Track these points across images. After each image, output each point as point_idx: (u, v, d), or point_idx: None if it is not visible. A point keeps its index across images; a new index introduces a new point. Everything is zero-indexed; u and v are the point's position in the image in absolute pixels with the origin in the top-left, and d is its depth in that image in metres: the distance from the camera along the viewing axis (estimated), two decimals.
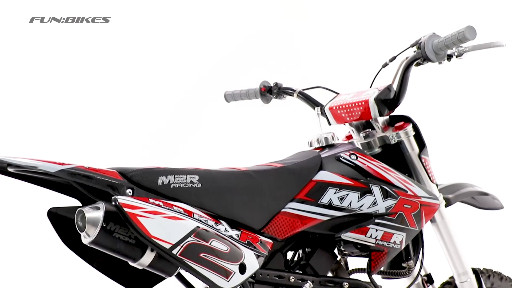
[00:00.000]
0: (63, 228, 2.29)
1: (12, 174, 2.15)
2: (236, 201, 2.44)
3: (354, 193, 2.65)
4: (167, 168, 2.34)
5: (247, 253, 2.37)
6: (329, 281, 2.66)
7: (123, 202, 2.14)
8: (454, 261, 2.99)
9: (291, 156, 2.77)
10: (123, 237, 2.17)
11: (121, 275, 2.40)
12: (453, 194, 3.07)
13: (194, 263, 2.23)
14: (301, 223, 2.58)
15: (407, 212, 2.73)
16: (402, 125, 2.89)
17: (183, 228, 2.23)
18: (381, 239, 2.70)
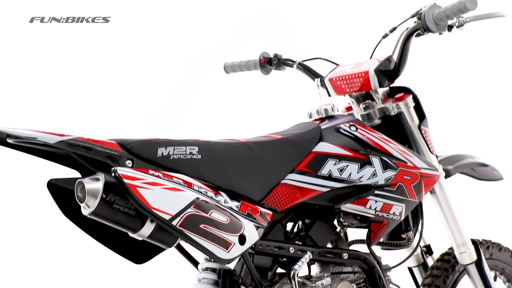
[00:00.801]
0: (63, 199, 2.30)
1: (11, 145, 2.15)
2: (236, 173, 2.44)
3: (353, 165, 2.65)
4: (166, 140, 2.34)
5: (247, 224, 2.38)
6: (329, 252, 2.67)
7: (123, 173, 2.14)
8: (453, 232, 3.00)
9: (290, 128, 2.77)
10: (122, 208, 2.17)
11: (121, 246, 2.40)
12: (452, 165, 3.07)
13: (194, 234, 2.24)
14: (300, 194, 2.58)
15: (407, 183, 2.73)
16: (402, 96, 2.89)
17: (182, 199, 2.23)
18: (381, 210, 2.70)
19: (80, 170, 2.31)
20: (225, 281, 2.51)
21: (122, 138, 2.28)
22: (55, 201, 2.30)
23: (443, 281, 3.03)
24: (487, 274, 3.04)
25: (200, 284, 2.52)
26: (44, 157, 2.25)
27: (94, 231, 2.36)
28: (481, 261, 3.03)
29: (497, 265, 3.20)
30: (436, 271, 3.05)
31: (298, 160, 2.60)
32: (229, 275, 2.51)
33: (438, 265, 3.07)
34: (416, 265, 3.20)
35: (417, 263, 3.20)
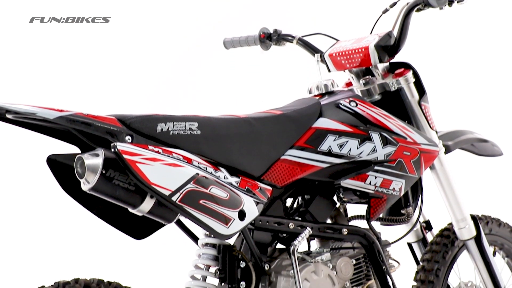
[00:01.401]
0: (63, 175, 2.29)
1: (10, 121, 2.14)
2: (236, 148, 2.44)
3: (353, 140, 2.65)
4: (166, 115, 2.34)
5: (247, 200, 2.38)
6: (328, 227, 2.68)
7: (122, 149, 2.13)
8: (453, 207, 3.01)
9: (290, 103, 2.77)
10: (122, 184, 2.17)
11: (121, 222, 2.40)
12: (452, 141, 3.07)
13: (194, 210, 2.24)
14: (300, 170, 2.58)
15: (407, 159, 2.73)
16: (402, 71, 2.88)
17: (182, 175, 2.23)
18: (380, 186, 2.71)
19: (79, 145, 2.30)
20: (225, 256, 2.52)
21: (121, 114, 2.27)
22: (55, 176, 2.30)
23: (442, 257, 3.04)
24: (486, 249, 3.04)
25: (200, 259, 2.53)
26: (43, 133, 2.24)
27: (94, 206, 2.36)
28: (480, 236, 3.03)
29: (496, 241, 3.21)
30: (436, 247, 3.06)
31: (298, 135, 2.60)
32: (229, 250, 2.52)
33: (438, 241, 3.08)
34: (416, 241, 3.21)
35: (417, 239, 3.20)
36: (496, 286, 3.07)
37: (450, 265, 3.06)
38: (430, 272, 3.02)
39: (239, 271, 2.51)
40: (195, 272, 2.52)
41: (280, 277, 2.55)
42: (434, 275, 3.01)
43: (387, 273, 2.71)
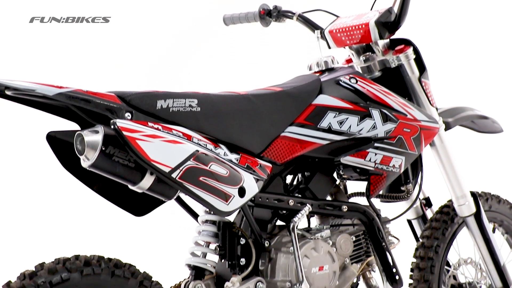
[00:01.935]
0: (62, 152, 2.29)
1: (10, 97, 2.14)
2: (235, 125, 2.43)
3: (353, 117, 2.64)
4: (166, 92, 2.33)
5: (247, 177, 2.38)
6: (328, 204, 2.68)
7: (122, 126, 2.13)
8: (453, 184, 3.01)
9: (290, 80, 2.76)
10: (122, 161, 2.17)
11: (121, 199, 2.41)
12: (452, 117, 3.06)
13: (194, 187, 2.24)
14: (300, 147, 2.58)
15: (407, 135, 2.73)
16: (403, 48, 2.87)
17: (182, 152, 2.22)
18: (380, 162, 2.70)
19: (79, 122, 2.30)
20: (224, 233, 2.52)
21: (121, 91, 2.27)
22: (55, 153, 2.29)
23: (442, 233, 3.05)
24: (486, 226, 3.05)
25: (200, 236, 2.53)
26: (43, 110, 2.24)
27: (94, 183, 2.36)
28: (480, 213, 3.04)
29: (496, 217, 3.21)
30: (435, 223, 3.07)
31: (298, 112, 2.59)
32: (229, 227, 2.52)
33: (437, 217, 3.08)
34: (415, 218, 3.21)
35: (416, 216, 3.21)
36: (496, 262, 3.09)
37: (450, 242, 3.07)
38: (430, 248, 3.03)
39: (239, 248, 2.51)
40: (195, 248, 2.53)
41: (280, 253, 2.56)
42: (434, 251, 3.02)
43: (386, 249, 2.71)
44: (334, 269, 2.63)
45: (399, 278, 2.73)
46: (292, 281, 2.52)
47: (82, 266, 2.17)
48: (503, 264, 3.10)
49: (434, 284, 3.01)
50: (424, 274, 3.01)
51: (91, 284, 2.18)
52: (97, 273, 2.19)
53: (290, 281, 2.52)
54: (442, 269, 3.05)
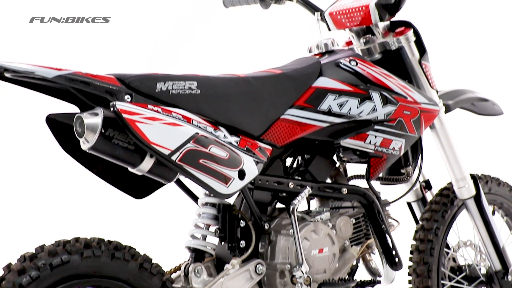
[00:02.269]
0: (62, 134, 2.29)
1: (9, 80, 2.14)
2: (235, 107, 2.43)
3: (353, 100, 2.64)
4: (165, 75, 2.33)
5: (246, 159, 2.38)
6: (328, 187, 2.68)
7: (122, 108, 2.12)
8: (453, 167, 3.01)
9: (290, 63, 2.75)
10: (122, 143, 2.17)
11: (121, 181, 2.41)
12: (453, 100, 3.06)
13: (194, 169, 2.24)
14: (300, 129, 2.58)
15: (407, 118, 2.72)
16: (403, 30, 2.86)
17: (182, 134, 2.22)
18: (380, 145, 2.70)
19: (78, 105, 2.29)
20: (224, 216, 2.53)
21: (120, 73, 2.26)
22: (54, 136, 2.29)
23: (442, 216, 3.05)
24: (486, 208, 3.05)
25: (200, 218, 2.53)
26: (42, 92, 2.24)
27: (94, 166, 2.36)
28: (479, 195, 3.04)
29: (495, 200, 3.22)
30: (435, 206, 3.07)
31: (298, 95, 2.59)
32: (229, 210, 2.53)
33: (437, 200, 3.08)
34: (415, 200, 3.21)
35: (416, 198, 3.21)
36: (495, 245, 3.09)
37: (449, 224, 3.08)
38: (429, 231, 3.03)
39: (239, 230, 2.51)
40: (195, 231, 2.53)
41: (280, 236, 2.56)
42: (433, 234, 3.02)
43: (386, 232, 2.72)
44: (333, 251, 2.63)
45: (399, 260, 2.73)
46: (292, 263, 2.52)
47: (82, 249, 2.17)
48: (502, 247, 3.10)
49: (433, 266, 3.01)
50: (423, 257, 3.02)
51: (91, 266, 2.18)
52: (97, 255, 2.19)
53: (290, 264, 2.53)
54: (442, 251, 3.05)
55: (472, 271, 3.18)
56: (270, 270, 2.54)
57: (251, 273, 2.49)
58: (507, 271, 3.11)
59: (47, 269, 2.11)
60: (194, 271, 2.44)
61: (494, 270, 3.12)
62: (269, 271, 2.54)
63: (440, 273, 3.04)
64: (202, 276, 2.45)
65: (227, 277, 2.43)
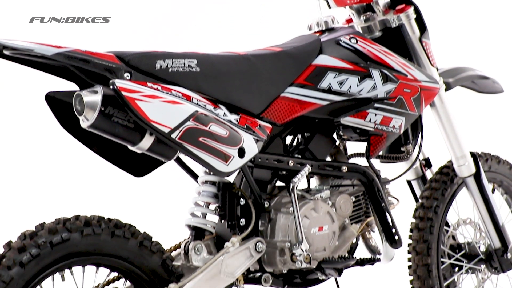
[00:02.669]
0: (62, 112, 2.29)
1: (8, 57, 2.13)
2: (235, 85, 2.42)
3: (353, 77, 2.63)
4: (165, 52, 2.32)
5: (246, 138, 2.38)
6: (328, 165, 2.68)
7: (121, 86, 2.12)
8: (453, 145, 3.01)
9: (290, 40, 2.74)
10: (121, 121, 2.16)
11: (121, 159, 2.41)
12: (453, 78, 3.05)
13: (193, 147, 2.24)
14: (300, 107, 2.57)
15: (407, 96, 2.72)
16: (403, 7, 2.85)
17: (182, 112, 2.22)
18: (380, 123, 2.70)
19: (78, 82, 2.29)
20: (224, 194, 2.53)
21: (120, 51, 2.26)
22: (54, 114, 2.29)
23: (442, 194, 3.05)
24: (486, 186, 3.06)
25: (199, 197, 2.53)
26: (41, 69, 2.23)
27: (93, 144, 2.36)
28: (479, 173, 3.04)
29: (495, 178, 3.22)
30: (435, 184, 3.07)
31: (298, 73, 2.58)
32: (229, 188, 2.53)
33: (437, 178, 3.08)
34: (415, 178, 3.22)
35: (416, 176, 3.21)
36: (495, 222, 3.10)
37: (449, 202, 3.08)
38: (429, 209, 3.03)
39: (238, 208, 2.52)
40: (195, 209, 2.53)
41: (280, 214, 2.57)
42: (433, 212, 3.03)
43: (386, 210, 2.72)
44: (333, 229, 2.63)
45: (399, 238, 2.74)
46: (291, 241, 2.53)
47: (82, 226, 2.18)
48: (502, 224, 3.11)
49: (433, 244, 3.02)
50: (423, 235, 3.02)
51: (91, 244, 2.19)
52: (97, 233, 2.20)
53: (290, 242, 2.53)
54: (441, 229, 3.06)
55: (471, 249, 3.19)
56: (270, 248, 2.55)
57: (251, 251, 2.49)
58: (506, 249, 3.12)
59: (47, 247, 2.12)
60: (194, 249, 2.44)
61: (494, 247, 3.13)
62: (269, 249, 2.54)
63: (440, 251, 3.05)
64: (202, 254, 2.46)
65: (227, 255, 2.43)
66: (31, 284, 2.10)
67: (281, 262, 2.55)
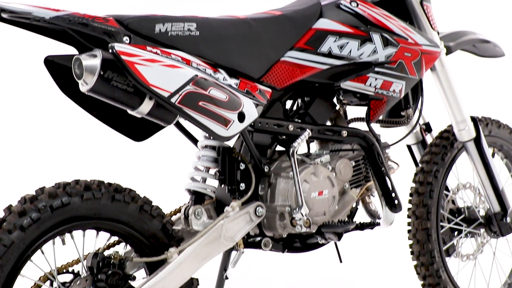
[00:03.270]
0: (61, 76, 2.28)
1: (7, 21, 2.11)
2: (235, 49, 2.41)
3: (354, 41, 2.62)
4: (164, 16, 2.31)
5: (246, 102, 2.37)
6: (328, 129, 2.67)
7: (120, 50, 2.11)
8: (453, 109, 3.00)
9: (290, 4, 2.73)
10: (121, 85, 2.16)
11: (121, 124, 2.40)
12: (454, 42, 3.04)
13: (193, 112, 2.23)
14: (300, 72, 2.56)
15: (407, 60, 2.71)
16: None
17: (181, 77, 2.21)
18: (381, 87, 2.69)
19: (77, 46, 2.28)
20: (224, 158, 2.52)
21: (119, 14, 2.24)
22: (53, 78, 2.28)
23: (442, 158, 3.05)
24: (486, 150, 3.05)
25: (199, 161, 2.53)
26: (40, 33, 2.22)
27: (93, 108, 2.35)
28: (479, 138, 3.04)
29: (495, 142, 3.22)
30: (435, 148, 3.07)
31: (298, 37, 2.57)
32: (229, 152, 2.52)
33: (437, 143, 3.08)
34: (415, 143, 3.21)
35: (416, 141, 3.21)
36: (494, 187, 3.10)
37: (449, 167, 3.08)
38: (429, 173, 3.04)
39: (238, 173, 2.52)
40: (194, 174, 2.53)
41: (280, 178, 2.57)
42: (433, 176, 3.03)
43: (386, 174, 2.72)
44: (333, 194, 2.64)
45: (398, 202, 2.74)
46: (291, 206, 2.53)
47: (82, 191, 2.18)
48: (501, 189, 3.11)
49: (432, 209, 3.03)
50: (423, 199, 3.03)
51: (92, 209, 2.19)
52: (97, 197, 2.20)
53: (290, 206, 2.53)
54: (441, 193, 3.06)
55: (471, 213, 3.19)
56: (269, 212, 2.55)
57: (251, 216, 2.50)
58: (505, 213, 3.13)
59: (47, 211, 2.12)
60: (194, 213, 2.45)
61: (493, 212, 3.14)
62: (269, 213, 2.55)
63: (439, 215, 3.06)
64: (202, 218, 2.46)
65: (227, 219, 2.44)
66: (32, 247, 2.11)
67: (281, 227, 2.56)
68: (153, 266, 2.32)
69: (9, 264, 2.08)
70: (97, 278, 2.22)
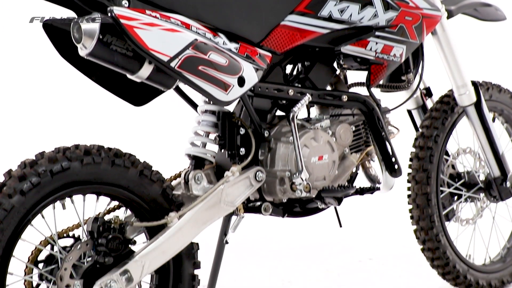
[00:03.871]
0: (60, 40, 2.26)
1: None
2: (235, 13, 2.39)
3: (354, 5, 2.60)
4: None
5: (246, 66, 2.36)
6: (328, 94, 2.67)
7: (119, 14, 2.09)
8: (454, 73, 2.99)
9: None
10: (120, 50, 2.14)
11: (120, 89, 2.40)
12: (455, 5, 3.02)
13: (193, 76, 2.22)
14: (300, 36, 2.55)
15: (408, 24, 2.69)
16: None
17: (181, 41, 2.20)
18: (381, 52, 2.68)
19: (76, 10, 2.26)
20: (224, 123, 2.52)
21: None
22: (52, 42, 2.27)
23: (442, 123, 3.05)
24: (486, 115, 3.05)
25: (199, 126, 2.53)
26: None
27: (92, 73, 2.35)
28: (480, 102, 3.03)
29: (496, 107, 3.21)
30: (435, 113, 3.06)
31: (298, 1, 2.55)
32: (228, 117, 2.52)
33: (437, 107, 3.08)
34: (415, 108, 3.21)
35: (416, 106, 3.20)
36: (494, 151, 3.10)
37: (449, 132, 3.08)
38: (429, 138, 3.03)
39: (238, 138, 2.51)
40: (194, 138, 2.53)
41: (280, 143, 2.56)
42: (433, 141, 3.03)
43: (386, 139, 2.72)
44: (333, 158, 2.64)
45: (398, 167, 2.74)
46: (291, 171, 2.53)
47: (82, 155, 2.18)
48: (501, 153, 3.12)
49: (432, 173, 3.03)
50: (423, 164, 3.03)
51: (91, 173, 2.19)
52: (97, 162, 2.20)
53: (290, 171, 2.53)
54: (441, 158, 3.07)
55: (471, 177, 3.20)
56: (269, 177, 2.55)
57: (251, 180, 2.50)
58: (505, 177, 3.13)
59: (47, 176, 2.12)
60: (194, 178, 2.45)
61: (493, 176, 3.15)
62: (269, 178, 2.55)
63: (439, 180, 3.07)
64: (202, 183, 2.46)
65: (227, 184, 2.44)
66: (32, 212, 2.12)
67: (281, 191, 2.56)
68: (153, 231, 2.33)
69: (9, 228, 2.08)
70: (98, 242, 2.23)
